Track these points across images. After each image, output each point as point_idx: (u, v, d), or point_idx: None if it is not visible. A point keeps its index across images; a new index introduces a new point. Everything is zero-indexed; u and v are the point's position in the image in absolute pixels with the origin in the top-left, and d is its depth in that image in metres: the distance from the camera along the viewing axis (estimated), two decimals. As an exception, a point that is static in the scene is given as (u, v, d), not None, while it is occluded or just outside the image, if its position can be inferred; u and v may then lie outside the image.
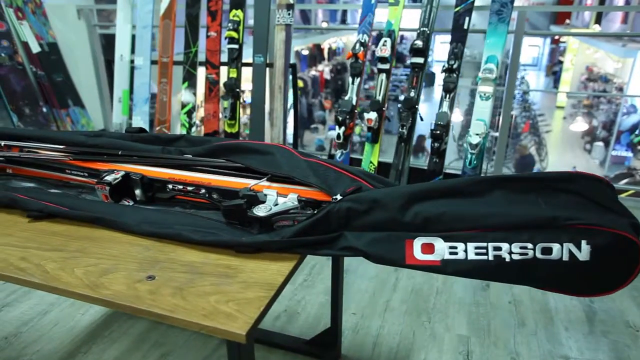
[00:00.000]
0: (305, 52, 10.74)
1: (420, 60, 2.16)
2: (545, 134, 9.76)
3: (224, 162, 1.05)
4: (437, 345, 1.58)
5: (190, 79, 2.48)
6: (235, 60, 2.38)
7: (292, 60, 2.42)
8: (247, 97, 2.62)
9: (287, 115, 2.37)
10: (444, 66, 2.11)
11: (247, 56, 2.41)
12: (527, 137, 9.08)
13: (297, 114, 2.43)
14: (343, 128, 2.24)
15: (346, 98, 2.28)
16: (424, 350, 1.56)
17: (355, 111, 2.28)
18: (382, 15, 2.29)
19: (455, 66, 2.09)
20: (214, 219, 0.97)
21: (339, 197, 0.87)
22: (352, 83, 2.28)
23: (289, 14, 2.34)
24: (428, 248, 0.83)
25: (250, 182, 0.97)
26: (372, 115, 2.20)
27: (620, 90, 9.15)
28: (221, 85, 2.40)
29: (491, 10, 2.06)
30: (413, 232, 0.84)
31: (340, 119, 2.23)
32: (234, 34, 2.34)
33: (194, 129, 2.49)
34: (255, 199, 0.92)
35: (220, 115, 2.41)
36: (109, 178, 1.03)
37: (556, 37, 13.49)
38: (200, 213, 1.01)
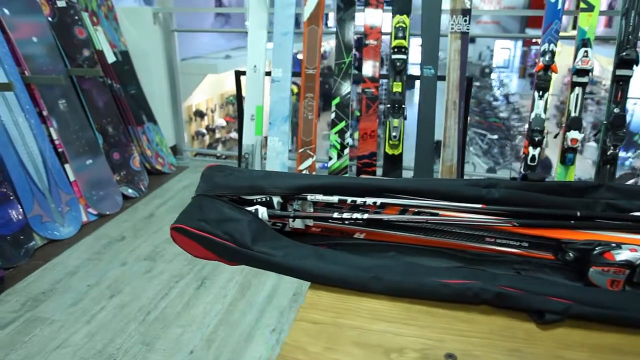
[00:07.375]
0: (300, 57, 10.41)
1: (629, 72, 1.94)
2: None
3: None
4: None
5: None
6: (400, 72, 2.07)
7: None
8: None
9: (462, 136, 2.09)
10: None
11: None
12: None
13: (466, 133, 2.15)
14: (538, 149, 1.99)
15: (533, 115, 2.03)
16: None
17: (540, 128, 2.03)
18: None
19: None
20: None
21: None
22: (540, 98, 2.03)
23: (465, 21, 2.06)
24: None
25: None
26: (576, 134, 1.96)
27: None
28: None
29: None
30: None
31: (536, 139, 1.97)
32: (403, 43, 2.04)
33: (346, 150, 2.16)
34: None
35: (388, 135, 2.09)
36: (626, 256, 0.73)
37: (534, 40, 13.74)
38: None
